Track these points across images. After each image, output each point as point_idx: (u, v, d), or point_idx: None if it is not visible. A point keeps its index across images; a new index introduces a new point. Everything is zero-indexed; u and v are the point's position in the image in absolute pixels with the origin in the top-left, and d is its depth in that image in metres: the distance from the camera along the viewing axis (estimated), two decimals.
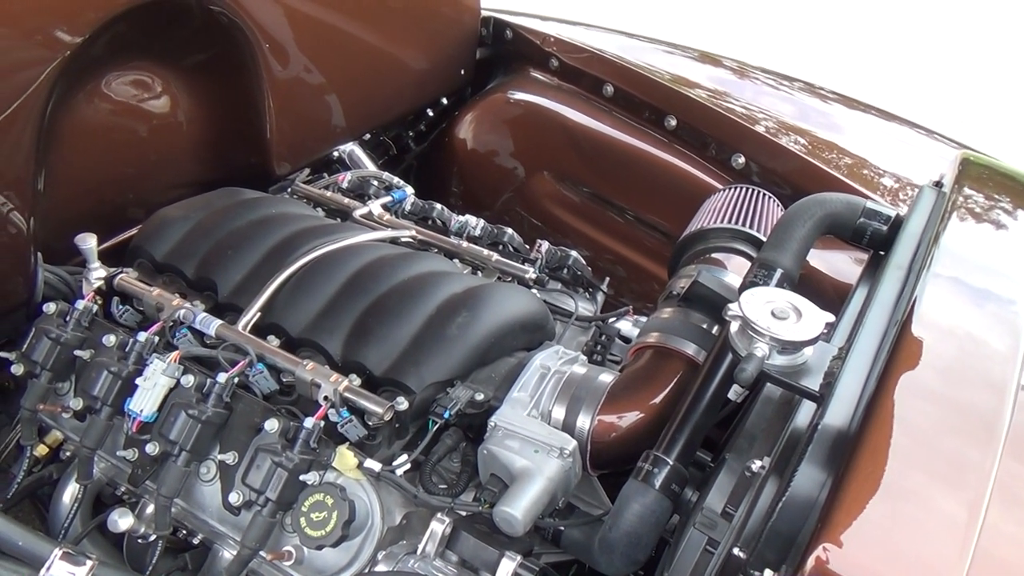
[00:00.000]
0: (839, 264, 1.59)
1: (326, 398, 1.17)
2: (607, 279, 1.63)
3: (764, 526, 0.71)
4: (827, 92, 2.19)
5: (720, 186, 1.73)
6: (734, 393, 1.16)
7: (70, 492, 1.33)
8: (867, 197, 1.37)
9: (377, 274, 1.34)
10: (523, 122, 2.17)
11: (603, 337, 1.50)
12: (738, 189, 1.50)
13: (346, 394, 1.17)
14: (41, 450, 1.37)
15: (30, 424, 1.31)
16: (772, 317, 0.87)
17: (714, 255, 1.39)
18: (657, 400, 1.21)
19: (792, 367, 0.87)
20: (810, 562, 0.64)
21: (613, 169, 2.02)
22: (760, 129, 1.79)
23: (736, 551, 0.72)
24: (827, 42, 5.84)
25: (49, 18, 1.24)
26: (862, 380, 0.83)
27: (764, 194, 1.48)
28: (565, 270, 1.58)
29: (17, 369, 1.29)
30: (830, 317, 0.89)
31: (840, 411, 0.79)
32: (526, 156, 2.16)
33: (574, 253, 1.59)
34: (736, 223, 1.41)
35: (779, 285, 1.12)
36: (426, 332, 1.25)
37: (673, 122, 1.90)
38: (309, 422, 1.12)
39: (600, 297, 1.62)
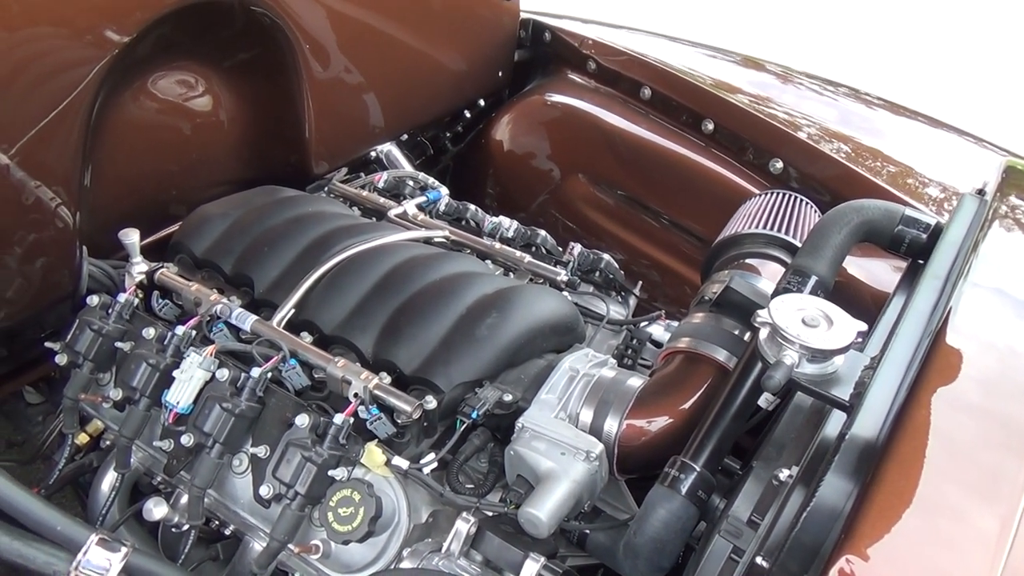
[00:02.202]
0: (878, 273, 1.55)
1: (356, 395, 1.19)
2: (639, 283, 1.62)
3: (788, 536, 0.70)
4: (871, 97, 2.15)
5: (757, 191, 1.72)
6: (765, 401, 1.14)
7: (108, 480, 1.37)
8: (910, 205, 1.34)
9: (409, 274, 1.35)
10: (560, 124, 2.17)
11: (634, 341, 1.50)
12: (775, 194, 1.48)
13: (375, 392, 1.19)
14: (82, 438, 1.41)
15: (72, 413, 1.35)
16: (802, 325, 0.86)
17: (748, 260, 1.38)
18: (686, 406, 1.20)
19: (822, 376, 0.86)
20: (832, 574, 0.63)
21: (649, 172, 2.01)
22: (799, 134, 1.76)
23: (759, 560, 0.71)
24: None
25: (99, 18, 1.27)
26: (893, 390, 0.81)
27: (801, 200, 1.46)
28: (597, 273, 1.58)
29: (61, 359, 1.33)
30: (862, 326, 0.87)
31: (869, 421, 0.78)
32: (562, 158, 2.16)
33: (606, 256, 1.58)
34: (772, 229, 1.39)
35: (813, 292, 1.11)
36: (456, 332, 1.26)
37: (711, 126, 1.88)
38: (339, 418, 1.14)
39: (632, 301, 1.62)
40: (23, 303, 1.39)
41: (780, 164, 1.76)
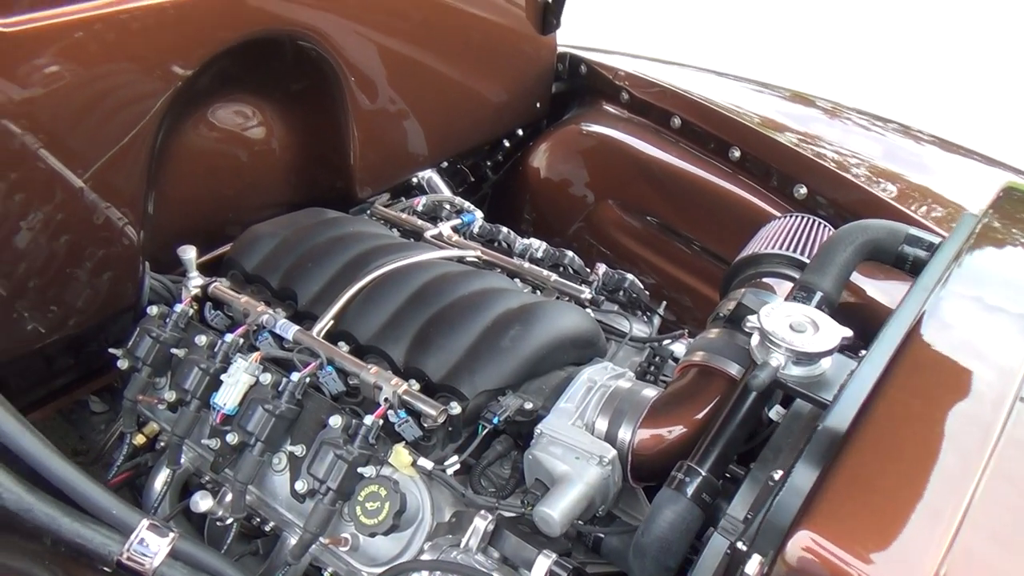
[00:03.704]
0: (897, 295, 1.59)
1: (386, 399, 1.28)
2: (664, 303, 1.68)
3: (762, 519, 0.75)
4: (897, 124, 2.18)
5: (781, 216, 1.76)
6: (776, 414, 1.19)
7: (161, 478, 1.48)
8: (930, 230, 1.38)
9: (440, 289, 1.44)
10: (594, 152, 2.25)
11: (657, 358, 1.55)
12: (794, 217, 1.53)
13: (404, 396, 1.27)
14: (139, 439, 1.52)
15: (130, 413, 1.47)
16: (790, 329, 0.92)
17: (764, 279, 1.43)
18: (699, 416, 1.25)
19: (809, 378, 0.91)
20: (789, 546, 0.68)
21: (679, 199, 2.07)
22: (823, 160, 1.81)
23: (739, 544, 0.77)
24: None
25: (165, 54, 1.40)
26: (868, 388, 0.86)
27: (819, 223, 1.50)
28: (621, 292, 1.64)
29: (122, 363, 1.45)
30: (847, 332, 0.92)
31: (841, 414, 0.83)
32: (596, 185, 2.24)
33: (630, 276, 1.65)
34: (788, 249, 1.44)
35: (818, 307, 1.15)
36: (481, 343, 1.34)
37: (737, 153, 1.94)
38: (368, 419, 1.23)
39: (656, 320, 1.67)
40: (91, 312, 1.52)
41: (804, 189, 1.81)
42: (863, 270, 1.58)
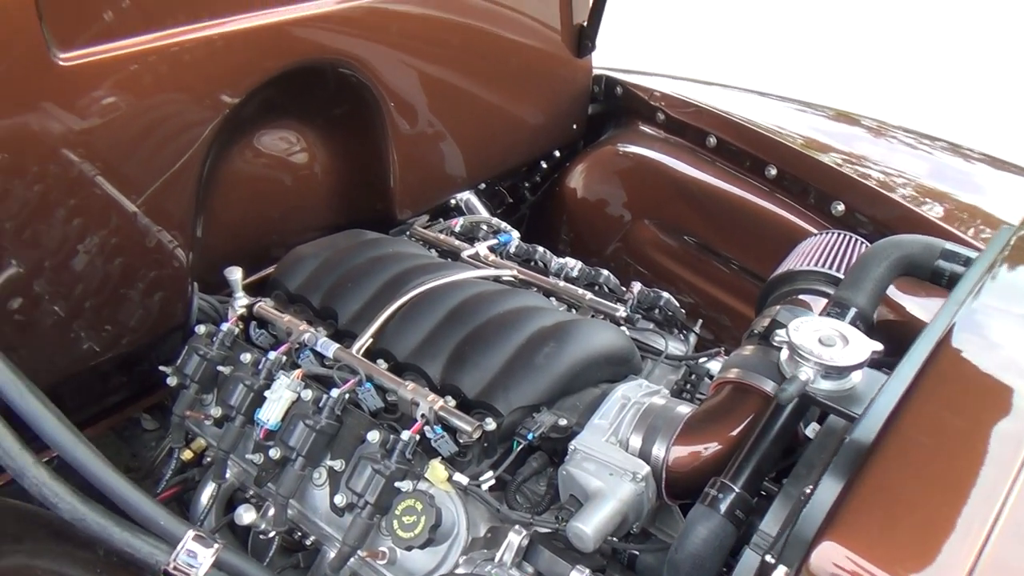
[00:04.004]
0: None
1: (422, 415, 1.30)
2: (700, 321, 1.68)
3: (789, 532, 0.75)
4: (945, 143, 2.16)
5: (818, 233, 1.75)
6: (812, 431, 1.18)
7: (207, 492, 1.52)
8: (971, 246, 1.36)
9: (476, 307, 1.47)
10: (631, 173, 2.27)
11: (692, 376, 1.56)
12: (831, 234, 1.53)
13: (440, 412, 1.30)
14: (187, 454, 1.58)
15: (179, 429, 1.53)
16: (819, 344, 0.92)
17: (800, 296, 1.42)
18: (733, 433, 1.24)
19: (839, 392, 0.91)
20: (813, 557, 0.68)
21: (716, 218, 2.08)
22: (861, 177, 1.80)
23: (768, 558, 0.77)
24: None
25: (213, 85, 1.47)
26: (895, 400, 0.86)
27: (856, 239, 1.49)
28: (657, 310, 1.65)
29: (171, 381, 1.50)
30: (877, 346, 0.92)
31: (868, 427, 0.82)
32: (633, 205, 2.26)
33: (666, 295, 1.65)
34: (824, 266, 1.43)
35: (852, 323, 1.15)
36: (516, 360, 1.36)
37: (773, 171, 1.94)
38: (405, 435, 1.25)
39: (692, 338, 1.67)
40: (142, 331, 1.58)
41: (842, 207, 1.80)
42: (904, 287, 1.56)
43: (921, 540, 0.71)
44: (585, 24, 2.23)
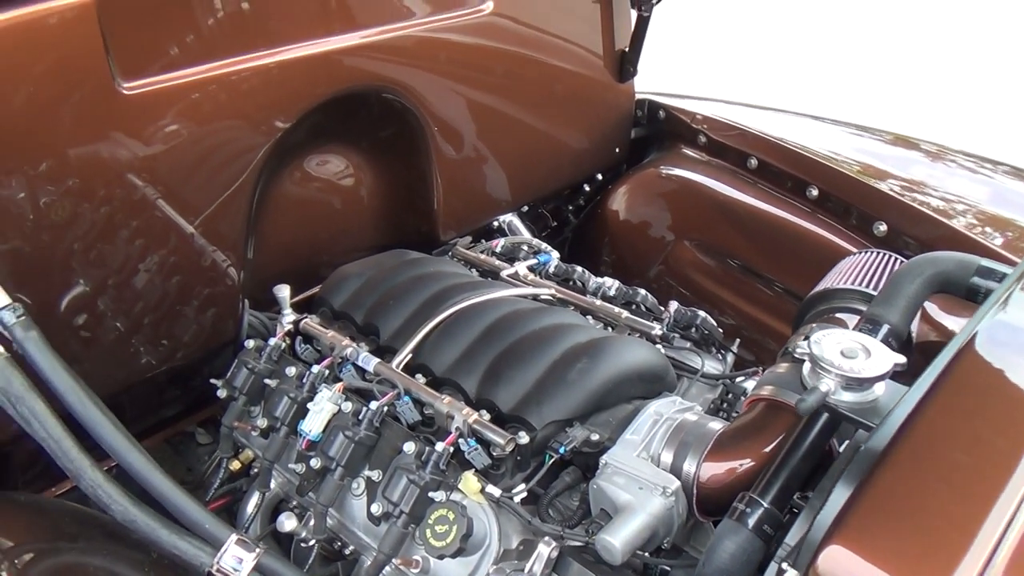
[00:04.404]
0: None
1: (457, 428, 1.33)
2: (737, 340, 1.68)
3: (803, 539, 0.76)
4: (1008, 167, 2.11)
5: None
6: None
7: (253, 501, 1.58)
8: (1013, 263, 1.33)
9: (512, 324, 1.50)
10: (672, 195, 2.29)
11: (729, 395, 1.55)
12: (869, 253, 1.52)
13: (474, 425, 1.33)
14: (235, 465, 1.64)
15: (227, 439, 1.59)
16: (840, 356, 0.92)
17: (837, 315, 1.41)
18: (766, 450, 1.24)
19: (862, 404, 0.91)
20: (819, 560, 0.68)
21: (758, 239, 2.07)
22: (904, 196, 1.78)
23: (784, 565, 0.77)
24: None
25: (268, 111, 1.55)
26: (911, 409, 0.85)
27: (894, 258, 1.48)
28: (694, 329, 1.66)
29: (222, 393, 1.57)
30: (901, 359, 0.91)
31: (883, 435, 0.82)
32: (675, 228, 2.27)
33: (702, 314, 1.66)
34: (861, 285, 1.42)
35: (885, 340, 1.14)
36: (549, 376, 1.38)
37: (815, 191, 1.93)
38: (439, 446, 1.29)
39: (730, 358, 1.67)
40: (196, 346, 1.66)
41: (884, 227, 1.78)
42: (946, 307, 1.54)
43: (928, 545, 0.70)
44: (626, 50, 2.27)
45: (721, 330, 1.69)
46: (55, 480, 1.63)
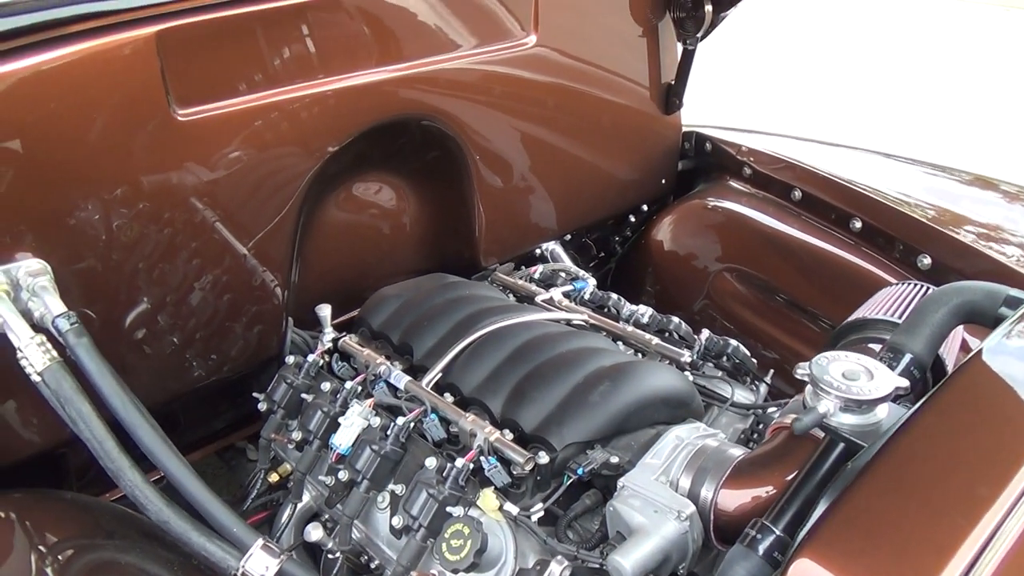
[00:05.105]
0: None
1: (478, 445, 1.36)
2: (771, 371, 1.66)
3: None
4: None
5: None
6: None
7: (287, 512, 1.64)
8: None
9: (540, 346, 1.53)
10: (716, 226, 2.28)
11: (760, 426, 1.53)
12: (906, 284, 1.48)
13: (495, 444, 1.35)
14: (273, 477, 1.70)
15: (266, 451, 1.65)
16: (841, 377, 0.91)
17: (868, 344, 1.39)
18: (787, 479, 1.22)
19: (864, 427, 0.89)
20: (790, 572, 0.68)
21: (803, 271, 2.05)
22: (949, 229, 1.74)
23: None
24: None
25: (314, 139, 1.62)
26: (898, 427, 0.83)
27: (930, 289, 1.44)
28: (725, 358, 1.64)
29: (262, 406, 1.64)
30: (903, 382, 0.90)
31: (871, 453, 0.80)
32: (719, 259, 2.26)
33: (734, 342, 1.64)
34: (895, 316, 1.39)
35: (907, 370, 1.12)
36: (572, 397, 1.40)
37: (858, 224, 1.90)
38: (459, 462, 1.31)
39: (763, 388, 1.65)
40: (242, 361, 1.74)
41: (928, 259, 1.74)
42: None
43: (900, 559, 0.69)
44: (672, 82, 2.30)
45: (755, 360, 1.67)
46: (107, 487, 1.72)
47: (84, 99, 1.30)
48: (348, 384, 1.54)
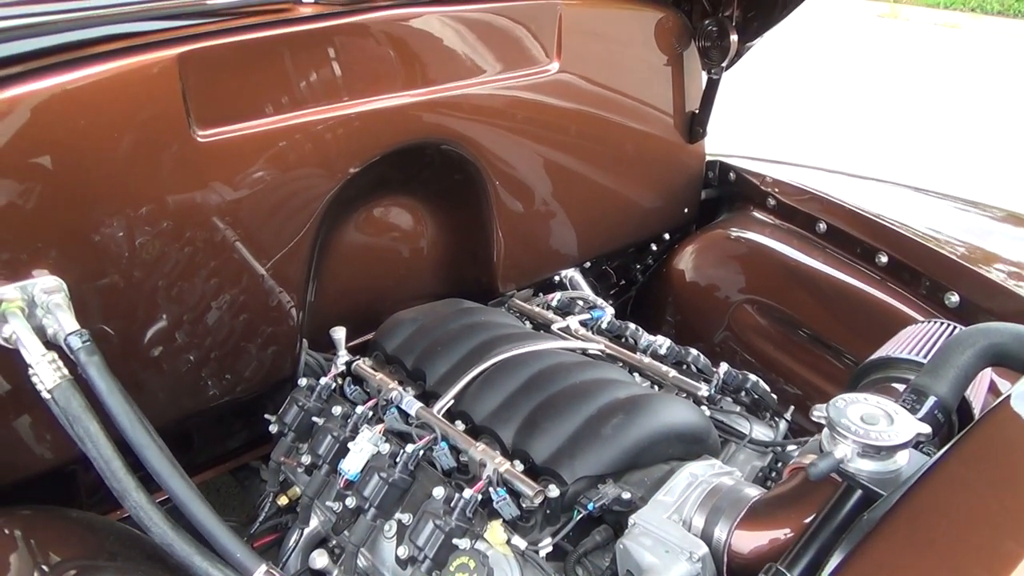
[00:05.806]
0: None
1: (487, 476, 1.33)
2: (792, 407, 1.61)
3: None
4: None
5: None
6: None
7: (294, 537, 1.61)
8: None
9: (553, 376, 1.50)
10: (738, 257, 2.24)
11: (779, 464, 1.49)
12: (932, 323, 1.44)
13: (505, 475, 1.32)
14: (282, 500, 1.68)
15: (275, 474, 1.64)
16: (860, 421, 0.88)
17: (892, 385, 1.34)
18: (805, 521, 1.18)
19: (884, 473, 0.85)
20: None
21: (826, 305, 2.00)
22: (977, 266, 1.69)
23: None
24: None
25: (332, 162, 1.62)
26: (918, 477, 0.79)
27: (956, 329, 1.40)
28: (744, 393, 1.61)
29: (273, 428, 1.63)
30: (925, 428, 0.86)
31: (888, 504, 0.77)
32: (741, 290, 2.22)
33: (753, 377, 1.61)
34: (919, 355, 1.35)
35: (930, 413, 1.07)
36: (584, 430, 1.37)
37: (884, 258, 1.86)
38: (467, 493, 1.29)
39: (783, 425, 1.61)
40: (255, 381, 1.73)
41: (956, 297, 1.69)
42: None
43: None
44: (696, 111, 2.28)
45: (775, 395, 1.63)
46: (117, 505, 1.71)
47: (105, 119, 1.31)
48: (359, 409, 1.52)
